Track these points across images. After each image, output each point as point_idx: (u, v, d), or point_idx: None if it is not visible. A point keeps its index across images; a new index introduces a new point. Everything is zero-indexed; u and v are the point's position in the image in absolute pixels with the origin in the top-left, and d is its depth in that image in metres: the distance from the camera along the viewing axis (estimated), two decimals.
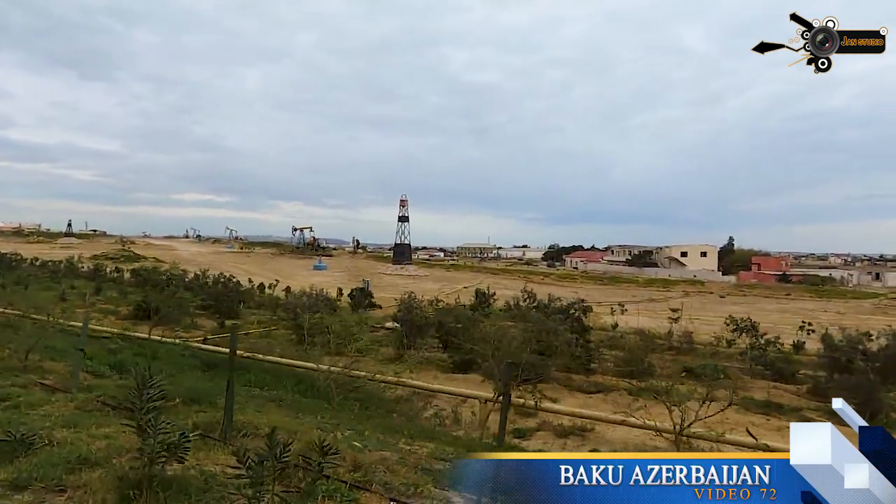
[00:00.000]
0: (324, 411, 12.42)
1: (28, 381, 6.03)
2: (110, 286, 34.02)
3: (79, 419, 4.90)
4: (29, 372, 6.52)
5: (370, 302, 23.57)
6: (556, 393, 15.72)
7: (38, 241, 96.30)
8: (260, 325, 25.48)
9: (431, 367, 18.29)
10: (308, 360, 14.98)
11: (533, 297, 26.29)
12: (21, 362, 6.70)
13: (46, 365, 6.86)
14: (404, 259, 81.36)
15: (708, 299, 62.27)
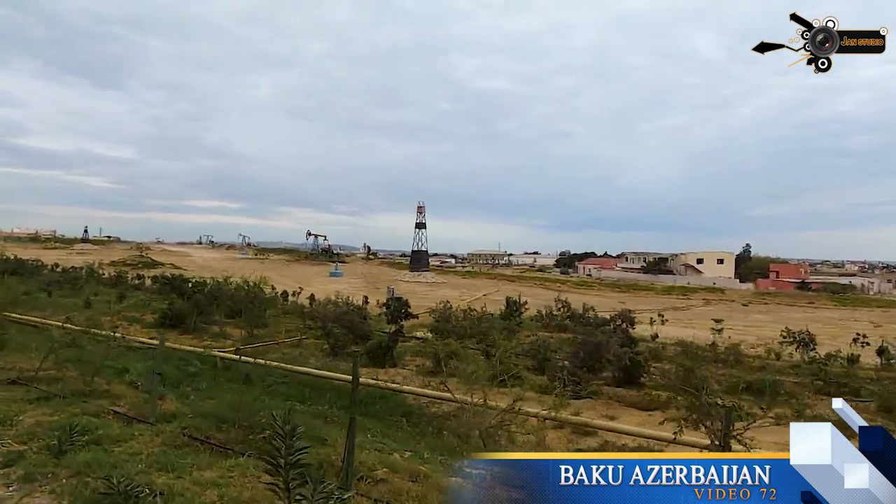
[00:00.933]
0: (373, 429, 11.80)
1: (99, 409, 5.40)
2: (133, 293, 33.61)
3: (173, 459, 4.27)
4: (97, 396, 5.90)
5: (407, 312, 22.93)
6: (611, 410, 14.98)
7: (55, 247, 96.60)
8: (288, 334, 24.86)
9: None
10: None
11: (567, 306, 25.45)
12: (86, 385, 6.07)
13: (113, 387, 6.24)
14: (421, 266, 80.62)
15: (731, 308, 61.10)
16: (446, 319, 19.30)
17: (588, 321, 24.48)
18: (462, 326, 19.11)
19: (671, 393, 17.11)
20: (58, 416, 5.15)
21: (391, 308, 23.48)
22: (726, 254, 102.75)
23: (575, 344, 17.47)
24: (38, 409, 5.39)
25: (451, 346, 14.75)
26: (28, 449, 4.36)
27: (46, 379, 6.59)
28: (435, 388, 12.88)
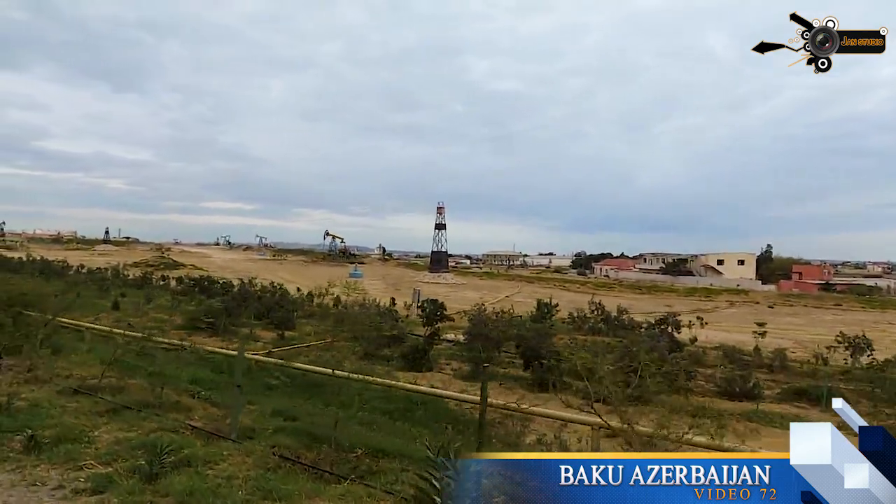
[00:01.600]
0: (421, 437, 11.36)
1: (177, 424, 5.00)
2: (159, 294, 33.52)
3: (275, 485, 3.85)
4: (169, 409, 5.51)
5: (442, 314, 22.50)
6: (659, 417, 14.40)
7: (77, 248, 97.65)
8: (316, 337, 24.54)
9: (515, 385, 17.08)
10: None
11: (601, 308, 24.85)
12: (156, 396, 5.69)
13: (183, 399, 5.85)
14: (441, 267, 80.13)
15: (757, 310, 59.89)
16: (483, 323, 18.78)
17: (623, 324, 23.90)
18: (500, 330, 18.58)
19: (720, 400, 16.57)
20: (135, 433, 4.76)
21: (426, 310, 23.04)
22: (747, 255, 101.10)
23: (620, 348, 16.87)
24: (111, 423, 5.01)
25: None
26: (115, 472, 3.97)
27: (110, 388, 6.22)
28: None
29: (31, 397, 5.73)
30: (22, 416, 5.00)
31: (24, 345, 8.03)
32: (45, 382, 6.45)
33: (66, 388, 6.13)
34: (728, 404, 15.78)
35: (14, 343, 7.87)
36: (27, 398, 5.65)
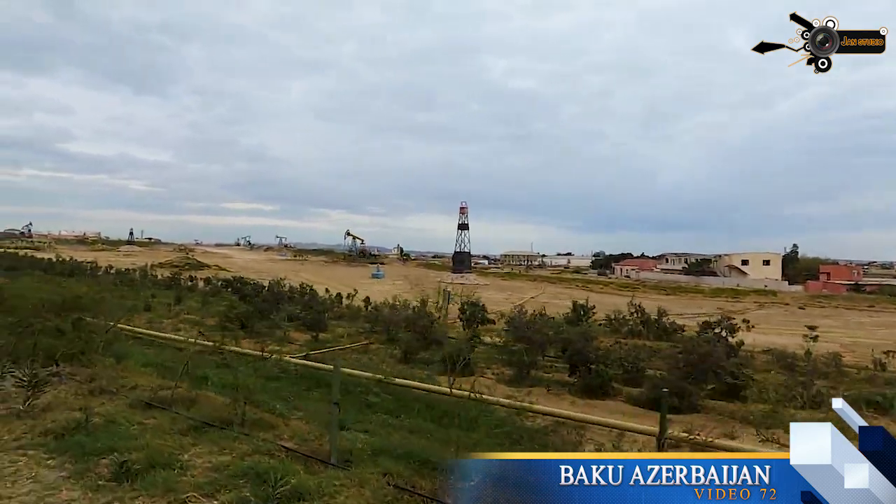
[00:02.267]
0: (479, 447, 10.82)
1: (270, 446, 4.51)
2: (188, 295, 33.44)
3: None
4: (253, 427, 5.04)
5: (484, 316, 21.97)
6: (728, 427, 13.68)
7: (102, 249, 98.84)
8: (350, 339, 24.16)
9: (562, 390, 16.48)
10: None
11: (641, 311, 24.12)
12: (235, 413, 5.23)
13: (264, 415, 5.38)
14: (464, 268, 79.50)
15: (789, 311, 58.48)
16: (526, 326, 18.20)
17: (665, 328, 23.17)
18: (543, 333, 17.97)
19: (781, 408, 15.78)
20: (228, 456, 4.30)
21: (466, 312, 22.52)
22: (773, 255, 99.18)
23: (673, 353, 16.21)
24: (198, 444, 4.55)
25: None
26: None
27: (182, 401, 5.78)
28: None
29: (104, 412, 5.31)
30: (101, 434, 4.57)
31: (84, 352, 7.66)
32: (113, 394, 6.03)
33: (137, 400, 5.69)
34: (789, 412, 14.99)
35: (74, 350, 7.49)
36: (100, 413, 5.23)
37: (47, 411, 5.23)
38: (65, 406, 5.45)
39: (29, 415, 5.03)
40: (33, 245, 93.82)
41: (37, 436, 4.57)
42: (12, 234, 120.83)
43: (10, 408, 5.43)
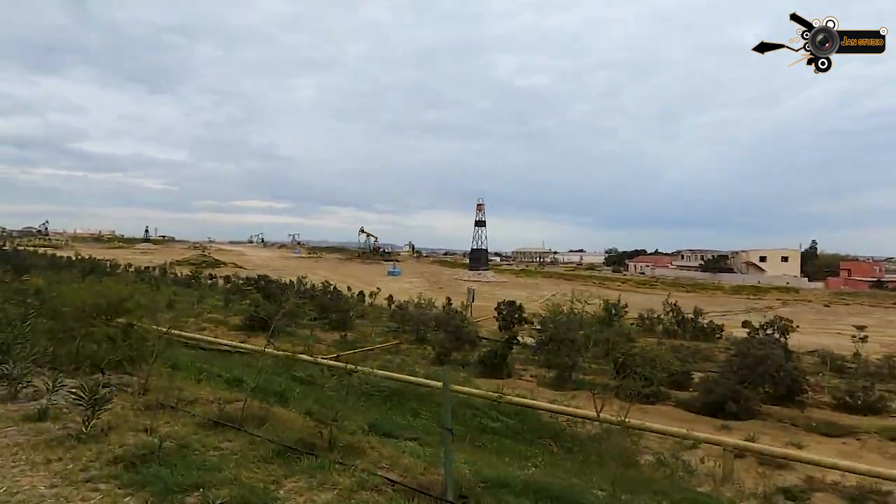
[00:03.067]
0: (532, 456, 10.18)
1: (375, 479, 3.88)
2: (208, 293, 33.00)
3: None
4: (347, 454, 4.41)
5: (521, 316, 21.27)
6: (791, 435, 12.94)
7: (119, 247, 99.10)
8: (376, 339, 23.57)
9: (608, 394, 15.75)
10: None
11: (677, 310, 23.31)
12: (317, 434, 4.61)
13: (354, 440, 4.75)
14: (481, 265, 78.67)
15: (814, 309, 57.22)
16: (568, 327, 17.48)
17: (703, 328, 22.37)
18: (584, 333, 17.22)
19: (843, 413, 14.98)
20: (330, 492, 3.68)
21: (503, 312, 21.84)
22: (791, 251, 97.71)
23: (728, 356, 15.43)
24: (290, 475, 3.93)
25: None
26: None
27: (253, 419, 5.18)
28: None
29: (172, 433, 4.71)
30: (178, 462, 3.96)
31: (132, 359, 7.08)
32: (173, 410, 5.43)
33: (205, 419, 5.09)
34: (852, 419, 14.20)
35: (120, 356, 6.92)
36: (168, 434, 4.62)
37: (110, 432, 4.64)
38: (127, 426, 4.85)
39: (92, 437, 4.44)
40: (51, 243, 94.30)
41: (105, 464, 3.97)
42: (30, 231, 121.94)
43: (66, 427, 4.84)
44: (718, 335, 21.89)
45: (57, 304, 7.73)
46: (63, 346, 7.57)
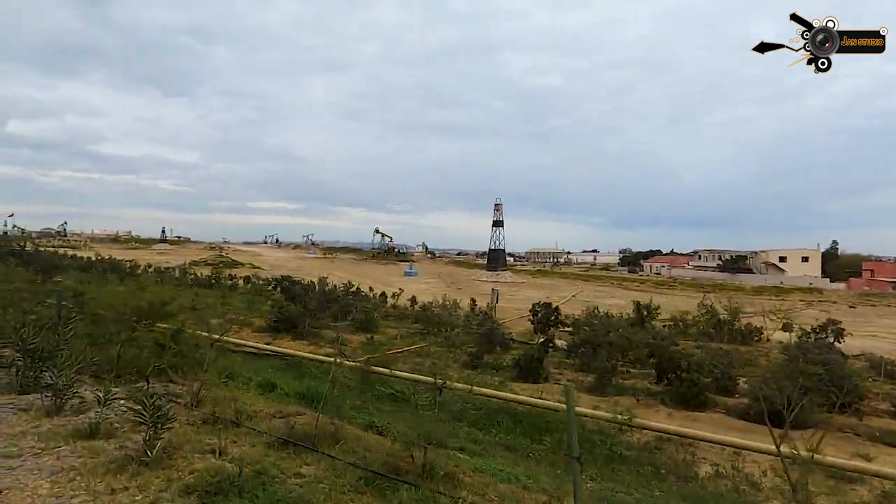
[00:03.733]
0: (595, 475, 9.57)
1: None
2: (231, 294, 32.66)
3: None
4: (446, 482, 3.85)
5: (556, 319, 20.62)
6: (857, 446, 12.22)
7: (136, 248, 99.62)
8: (404, 342, 23.03)
9: (652, 400, 15.09)
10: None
11: (713, 312, 22.53)
12: (418, 460, 4.06)
13: (450, 465, 4.19)
14: (499, 265, 77.86)
15: (842, 311, 55.77)
16: (606, 330, 16.81)
17: (741, 330, 21.59)
18: (626, 337, 16.57)
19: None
20: None
21: (539, 315, 21.20)
22: (812, 251, 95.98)
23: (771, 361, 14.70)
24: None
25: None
26: None
27: (325, 437, 4.64)
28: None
29: (243, 455, 4.18)
30: (258, 492, 3.42)
31: (177, 367, 6.60)
32: (235, 425, 4.91)
33: (273, 437, 4.56)
34: None
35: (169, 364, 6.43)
36: (237, 456, 4.10)
37: (175, 454, 4.12)
38: (191, 446, 4.34)
39: (156, 461, 3.92)
40: (70, 244, 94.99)
41: (178, 495, 3.45)
42: (48, 232, 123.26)
43: (123, 447, 4.33)
44: (757, 338, 21.11)
45: (96, 307, 7.25)
46: (103, 352, 7.12)
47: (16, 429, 4.78)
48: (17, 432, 4.69)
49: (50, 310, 9.59)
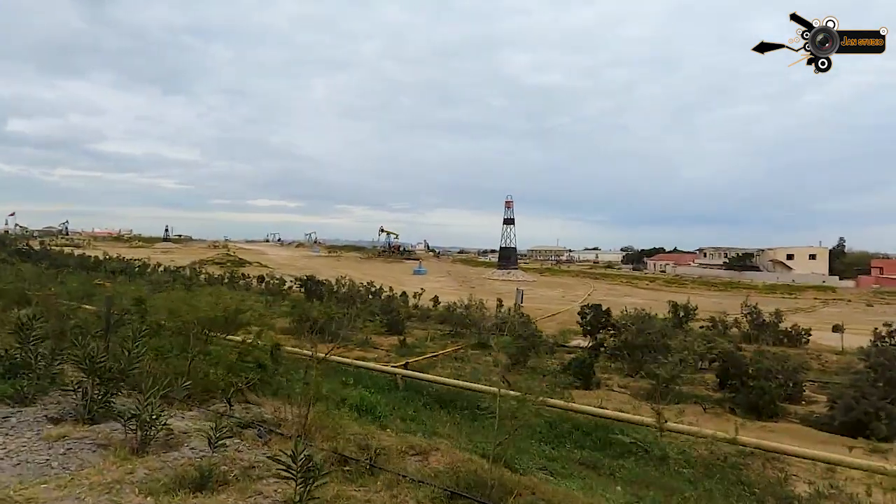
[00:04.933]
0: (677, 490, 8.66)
1: None
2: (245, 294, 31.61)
3: None
4: None
5: (607, 321, 19.58)
6: None
7: (140, 246, 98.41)
8: (435, 344, 22.07)
9: (718, 408, 14.14)
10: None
11: (757, 313, 21.61)
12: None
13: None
14: (511, 264, 76.70)
15: (861, 309, 54.92)
16: (662, 333, 15.86)
17: (787, 332, 20.69)
18: (682, 340, 15.62)
19: None
20: None
21: (588, 317, 20.22)
22: (819, 249, 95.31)
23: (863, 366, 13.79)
24: None
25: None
26: None
27: (502, 491, 3.68)
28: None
29: None
30: None
31: (255, 387, 5.64)
32: (371, 470, 3.95)
33: (437, 489, 3.60)
34: None
35: (251, 382, 5.47)
36: None
37: None
38: None
39: None
40: (73, 242, 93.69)
41: None
42: (50, 231, 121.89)
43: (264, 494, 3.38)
44: (805, 340, 20.18)
45: (154, 313, 6.28)
46: (169, 368, 6.15)
47: (106, 475, 3.82)
48: (110, 481, 3.73)
49: (86, 313, 8.62)
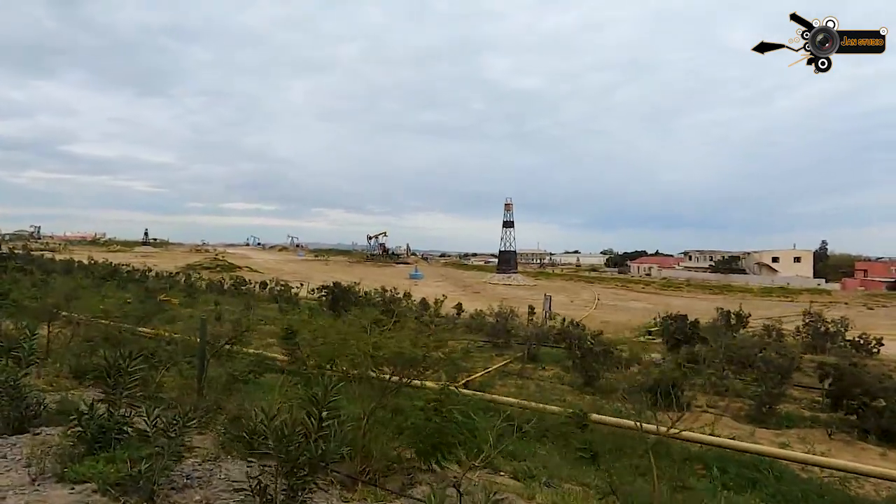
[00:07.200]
0: None
1: None
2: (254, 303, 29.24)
3: None
4: None
5: (694, 332, 17.81)
6: None
7: (119, 250, 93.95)
8: (475, 356, 20.17)
9: (845, 435, 12.51)
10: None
11: (820, 320, 20.21)
12: None
13: None
14: (510, 268, 74.97)
15: (861, 312, 54.70)
16: (759, 347, 14.23)
17: (854, 342, 19.31)
18: (791, 357, 13.98)
19: None
20: None
21: (665, 326, 18.49)
22: (804, 252, 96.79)
23: None
24: None
25: None
26: None
27: None
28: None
29: None
30: None
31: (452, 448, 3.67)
32: None
33: None
34: None
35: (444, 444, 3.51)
36: None
37: None
38: None
39: None
40: (48, 246, 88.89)
41: None
42: (21, 235, 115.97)
43: None
44: (876, 350, 18.88)
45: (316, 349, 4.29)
46: None
47: None
48: None
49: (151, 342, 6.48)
